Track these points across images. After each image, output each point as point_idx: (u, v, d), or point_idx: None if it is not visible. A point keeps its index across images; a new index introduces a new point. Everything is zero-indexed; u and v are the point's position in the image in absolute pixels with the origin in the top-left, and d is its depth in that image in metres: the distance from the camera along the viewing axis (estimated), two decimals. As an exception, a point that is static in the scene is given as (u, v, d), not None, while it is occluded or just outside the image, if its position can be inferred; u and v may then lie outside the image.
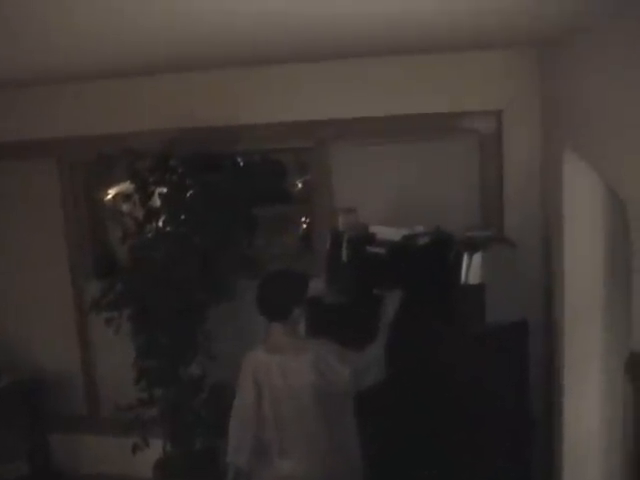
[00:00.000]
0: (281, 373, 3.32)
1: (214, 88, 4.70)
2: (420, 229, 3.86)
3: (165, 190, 4.46)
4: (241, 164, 4.98)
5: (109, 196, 5.30)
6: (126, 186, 4.67)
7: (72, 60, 3.73)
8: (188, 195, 4.49)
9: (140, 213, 4.50)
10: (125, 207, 4.67)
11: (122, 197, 4.71)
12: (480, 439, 3.54)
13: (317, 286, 3.89)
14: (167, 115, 4.70)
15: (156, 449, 4.74)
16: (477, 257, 3.50)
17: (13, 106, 5.04)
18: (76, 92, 4.88)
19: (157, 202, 4.48)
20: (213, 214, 4.42)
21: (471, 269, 3.51)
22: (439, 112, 4.35)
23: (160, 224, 4.49)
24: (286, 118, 4.59)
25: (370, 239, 3.94)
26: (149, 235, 4.52)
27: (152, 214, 4.47)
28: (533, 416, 3.83)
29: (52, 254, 5.32)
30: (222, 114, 4.66)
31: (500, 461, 3.60)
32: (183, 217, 4.47)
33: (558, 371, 3.48)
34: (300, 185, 5.20)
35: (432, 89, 4.35)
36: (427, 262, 3.72)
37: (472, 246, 3.56)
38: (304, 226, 5.20)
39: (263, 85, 4.63)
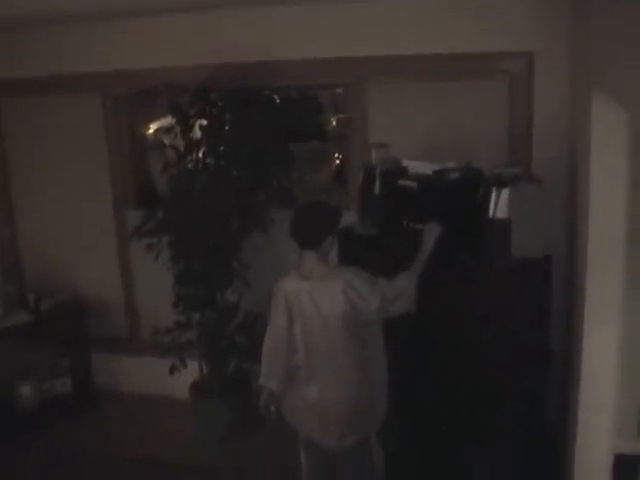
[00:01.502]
0: (311, 299, 3.38)
1: (252, 25, 4.79)
2: (451, 165, 3.89)
3: (205, 122, 4.57)
4: (277, 100, 5.03)
5: (151, 129, 5.44)
6: (167, 120, 4.76)
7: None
8: (227, 128, 4.59)
9: (181, 145, 4.62)
10: (166, 139, 4.79)
11: (164, 130, 4.83)
12: (498, 372, 3.61)
13: (350, 218, 4.01)
14: (207, 51, 4.81)
15: (192, 371, 4.96)
16: (505, 193, 3.52)
17: (61, 41, 5.21)
18: (121, 28, 5.02)
19: (197, 134, 4.59)
20: (250, 147, 4.52)
21: (499, 204, 3.54)
22: (472, 52, 4.40)
23: (200, 155, 4.61)
24: (322, 55, 4.67)
25: (402, 173, 3.98)
26: (189, 166, 4.64)
27: (193, 145, 4.60)
28: (551, 349, 3.91)
29: (96, 184, 5.51)
30: (259, 51, 4.75)
31: (516, 394, 3.69)
32: (222, 149, 4.58)
33: (580, 304, 3.47)
34: (334, 122, 5.25)
35: (466, 30, 4.41)
36: (457, 196, 3.75)
37: (500, 182, 3.57)
38: (337, 162, 5.27)
39: (300, 22, 4.71)
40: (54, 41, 5.21)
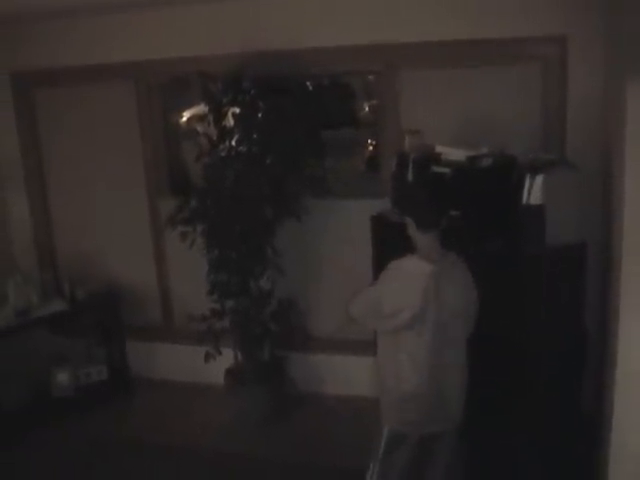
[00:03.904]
0: (437, 282, 3.25)
1: (283, 12, 4.81)
2: (484, 151, 3.89)
3: (238, 110, 4.58)
4: (310, 88, 5.02)
5: (184, 118, 5.45)
6: (200, 108, 4.79)
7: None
8: (259, 116, 4.58)
9: (214, 133, 4.64)
10: (200, 127, 4.81)
11: (197, 118, 4.85)
12: (534, 355, 3.65)
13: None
14: (238, 39, 4.81)
15: (226, 358, 5.01)
16: (539, 179, 3.52)
17: (95, 32, 5.24)
18: (153, 17, 5.05)
19: (230, 122, 4.60)
20: (282, 135, 4.52)
21: (533, 190, 3.54)
22: (504, 38, 4.38)
23: (233, 143, 4.61)
24: (353, 42, 4.68)
25: (435, 159, 3.98)
26: (222, 154, 4.65)
27: (226, 133, 4.61)
28: (587, 333, 3.93)
29: (129, 172, 5.56)
30: (291, 38, 4.76)
31: (553, 378, 3.72)
32: (255, 136, 4.58)
33: (616, 289, 3.44)
34: (367, 109, 5.24)
35: (498, 15, 4.38)
36: (490, 183, 3.74)
37: (535, 168, 3.57)
38: (371, 148, 5.27)
39: (331, 9, 4.73)
40: (87, 31, 5.25)
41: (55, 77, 5.50)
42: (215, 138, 4.66)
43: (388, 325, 3.37)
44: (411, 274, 3.30)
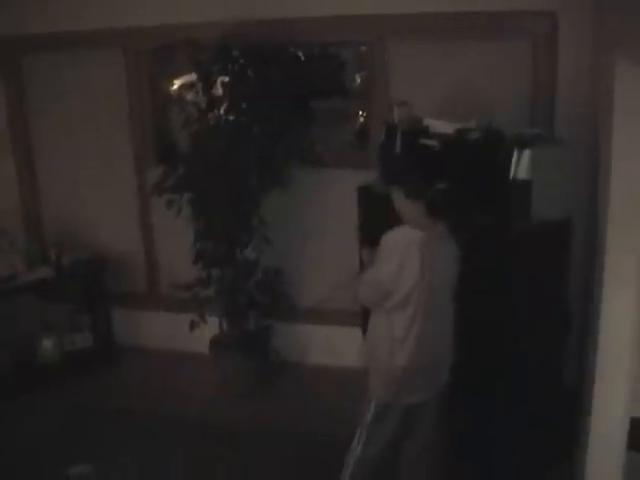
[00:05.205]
0: (429, 251, 3.22)
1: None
2: (472, 124, 3.89)
3: (227, 79, 4.56)
4: (301, 58, 5.01)
5: (174, 86, 5.39)
6: (190, 77, 4.76)
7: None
8: (248, 84, 4.56)
9: (203, 101, 4.62)
10: (189, 96, 4.78)
11: (186, 87, 4.82)
12: (517, 333, 3.66)
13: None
14: (227, 7, 4.78)
15: (212, 326, 5.02)
16: (526, 154, 3.52)
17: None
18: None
19: (219, 91, 4.58)
20: (272, 104, 4.51)
21: (520, 165, 3.54)
22: (495, 11, 4.36)
23: (221, 112, 4.60)
24: (345, 12, 4.66)
25: (423, 132, 3.97)
26: (210, 122, 4.64)
27: (214, 102, 4.59)
28: (570, 311, 3.94)
29: (117, 140, 5.53)
30: (282, 6, 4.74)
31: (535, 355, 3.72)
32: (244, 106, 4.57)
33: (600, 267, 3.41)
34: (359, 80, 5.22)
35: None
36: (478, 156, 3.74)
37: (522, 143, 3.57)
38: (361, 120, 5.26)
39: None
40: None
41: (42, 44, 5.43)
42: (204, 106, 4.63)
43: (397, 298, 3.31)
44: (404, 244, 3.25)
